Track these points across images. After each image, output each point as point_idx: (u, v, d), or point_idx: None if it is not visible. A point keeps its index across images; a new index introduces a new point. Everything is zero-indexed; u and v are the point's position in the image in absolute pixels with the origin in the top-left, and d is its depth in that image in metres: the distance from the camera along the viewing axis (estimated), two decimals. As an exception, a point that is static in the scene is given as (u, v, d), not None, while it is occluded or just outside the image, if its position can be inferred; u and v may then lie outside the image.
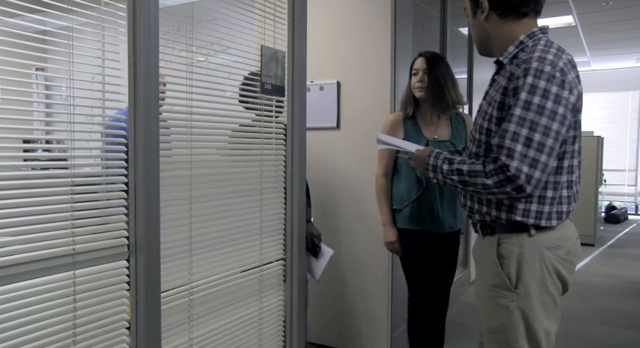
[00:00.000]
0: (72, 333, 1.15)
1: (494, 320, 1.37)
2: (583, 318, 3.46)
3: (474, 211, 1.44)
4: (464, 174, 1.32)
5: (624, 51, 7.33)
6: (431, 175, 1.44)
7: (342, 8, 2.80)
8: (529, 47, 1.32)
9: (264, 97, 1.75)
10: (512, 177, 1.22)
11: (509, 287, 1.33)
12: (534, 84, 1.22)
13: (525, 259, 1.32)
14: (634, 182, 8.63)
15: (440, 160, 1.41)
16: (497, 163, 1.25)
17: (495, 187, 1.26)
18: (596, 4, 5.05)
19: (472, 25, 1.46)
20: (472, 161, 1.34)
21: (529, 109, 1.22)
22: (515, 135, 1.22)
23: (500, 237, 1.36)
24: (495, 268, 1.35)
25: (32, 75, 1.24)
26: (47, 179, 1.12)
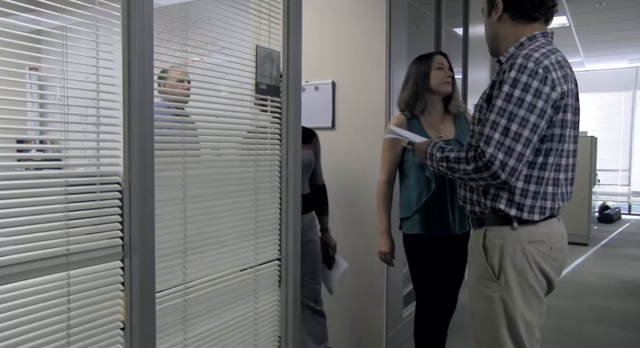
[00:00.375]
0: (67, 334, 1.14)
1: (479, 309, 1.45)
2: (577, 317, 3.48)
3: (467, 201, 1.53)
4: (450, 161, 1.42)
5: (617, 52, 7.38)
6: (428, 163, 1.55)
7: (337, 8, 2.80)
8: (524, 47, 1.39)
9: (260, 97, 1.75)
10: (487, 163, 1.30)
11: (492, 277, 1.40)
12: (516, 78, 1.30)
13: (507, 251, 1.39)
14: (627, 181, 8.69)
15: (436, 149, 1.51)
16: (477, 150, 1.33)
17: (474, 172, 1.34)
18: (590, 5, 5.09)
19: (486, 25, 1.53)
20: (459, 148, 1.43)
21: (509, 101, 1.29)
22: (494, 124, 1.30)
23: (486, 229, 1.44)
24: (481, 259, 1.43)
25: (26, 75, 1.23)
26: (40, 179, 1.12)
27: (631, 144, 8.58)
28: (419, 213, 2.08)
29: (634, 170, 8.62)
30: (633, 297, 4.00)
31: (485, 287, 1.41)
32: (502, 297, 1.38)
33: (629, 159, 8.62)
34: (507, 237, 1.39)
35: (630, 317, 3.52)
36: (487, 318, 1.41)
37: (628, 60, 7.98)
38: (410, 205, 2.11)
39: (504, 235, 1.40)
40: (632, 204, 8.70)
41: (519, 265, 1.37)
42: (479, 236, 1.47)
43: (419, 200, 2.08)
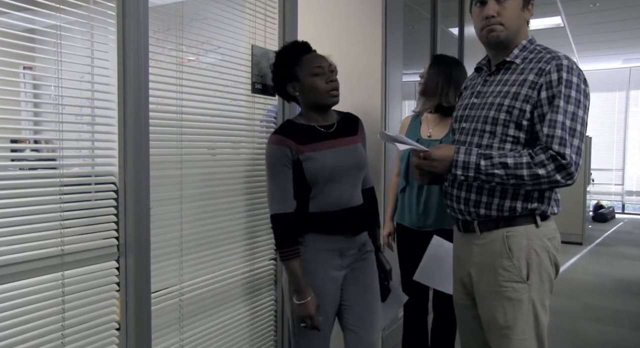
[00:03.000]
0: (61, 335, 1.14)
1: (506, 315, 1.37)
2: (571, 315, 3.50)
3: (478, 205, 1.41)
4: (509, 167, 1.31)
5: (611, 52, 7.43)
6: (459, 172, 1.36)
7: (333, 8, 2.80)
8: (537, 50, 1.41)
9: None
10: (566, 165, 1.28)
11: (522, 279, 1.36)
12: (568, 79, 1.32)
13: (534, 250, 1.37)
14: (620, 181, 8.75)
15: (475, 156, 1.34)
16: (548, 152, 1.29)
17: (545, 176, 1.29)
18: (584, 6, 5.11)
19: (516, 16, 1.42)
20: (512, 154, 1.33)
21: (569, 101, 1.31)
22: (563, 125, 1.30)
23: (507, 231, 1.38)
24: (508, 262, 1.36)
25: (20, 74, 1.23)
26: (35, 179, 1.11)
27: (625, 143, 8.64)
28: (399, 203, 2.23)
29: (628, 170, 8.68)
30: (627, 295, 4.02)
31: (512, 290, 1.36)
32: (531, 298, 1.35)
33: (622, 159, 8.67)
34: (531, 235, 1.37)
35: (624, 315, 3.55)
36: (518, 323, 1.36)
37: (622, 60, 8.02)
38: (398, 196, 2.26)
39: (529, 234, 1.37)
40: (625, 203, 8.76)
41: (544, 263, 1.37)
42: (493, 240, 1.39)
43: (402, 193, 2.22)
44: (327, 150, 1.51)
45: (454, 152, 1.37)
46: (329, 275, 1.53)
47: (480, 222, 1.42)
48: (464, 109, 1.51)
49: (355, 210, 1.56)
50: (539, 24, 5.59)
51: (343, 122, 1.60)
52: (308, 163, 1.47)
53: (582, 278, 4.52)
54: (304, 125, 1.53)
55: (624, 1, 4.95)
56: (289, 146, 1.47)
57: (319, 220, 1.51)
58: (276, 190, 1.49)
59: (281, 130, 1.53)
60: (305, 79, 1.49)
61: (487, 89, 1.46)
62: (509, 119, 1.37)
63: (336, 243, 1.53)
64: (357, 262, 1.58)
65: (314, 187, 1.49)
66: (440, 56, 2.27)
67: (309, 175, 1.48)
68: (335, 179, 1.50)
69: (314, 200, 1.50)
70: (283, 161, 1.47)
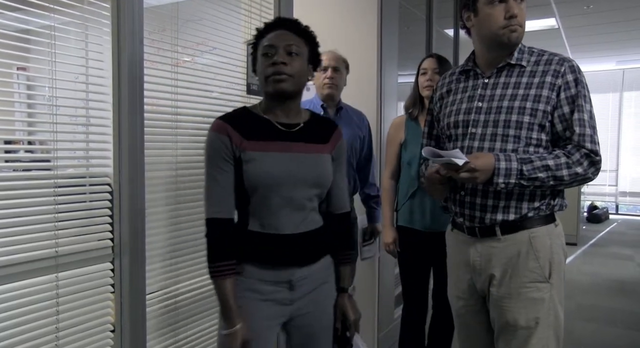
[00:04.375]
0: (55, 337, 1.13)
1: (528, 315, 1.37)
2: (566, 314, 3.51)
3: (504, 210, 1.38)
4: (551, 169, 1.34)
5: (604, 54, 7.48)
6: (501, 180, 1.31)
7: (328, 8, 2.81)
8: (535, 51, 1.44)
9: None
10: (598, 161, 1.37)
11: (545, 279, 1.38)
12: (581, 80, 1.39)
13: (555, 249, 1.40)
14: (614, 182, 8.81)
15: (516, 163, 1.31)
16: (581, 151, 1.35)
17: (583, 173, 1.36)
18: (577, 8, 5.15)
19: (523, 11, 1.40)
20: (549, 156, 1.35)
21: (586, 101, 1.38)
22: (590, 124, 1.37)
23: (531, 232, 1.39)
24: (534, 263, 1.37)
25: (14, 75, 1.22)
26: (29, 181, 1.11)
27: (618, 145, 8.70)
28: (406, 206, 2.19)
29: (621, 171, 8.74)
30: (620, 295, 4.05)
31: (535, 290, 1.37)
32: (552, 296, 1.38)
33: (616, 160, 8.73)
34: (552, 235, 1.40)
35: (618, 315, 3.57)
36: (537, 324, 1.37)
37: (615, 62, 8.08)
38: (400, 198, 2.23)
39: (551, 234, 1.40)
40: (619, 204, 8.81)
41: (562, 261, 1.42)
42: (520, 241, 1.38)
43: (405, 195, 2.19)
44: (277, 153, 1.20)
45: (494, 159, 1.32)
46: (272, 312, 1.22)
47: (503, 224, 1.39)
48: (467, 113, 1.44)
49: (306, 236, 1.24)
50: (534, 25, 5.62)
51: (314, 125, 1.29)
52: (249, 164, 1.17)
53: (577, 278, 4.55)
54: (259, 116, 1.23)
55: (618, 3, 4.99)
56: (230, 136, 1.18)
57: (259, 244, 1.21)
58: (213, 189, 1.19)
59: (227, 115, 1.23)
60: (258, 60, 1.23)
61: (493, 92, 1.41)
62: (533, 122, 1.36)
63: (281, 275, 1.22)
64: (305, 301, 1.26)
65: (252, 196, 1.19)
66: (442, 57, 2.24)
67: (247, 181, 1.18)
68: (282, 192, 1.19)
69: (254, 215, 1.21)
70: (222, 153, 1.18)
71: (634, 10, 5.18)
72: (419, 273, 2.19)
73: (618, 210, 8.80)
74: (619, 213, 8.73)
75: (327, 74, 2.26)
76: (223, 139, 1.18)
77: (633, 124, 8.58)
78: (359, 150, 2.36)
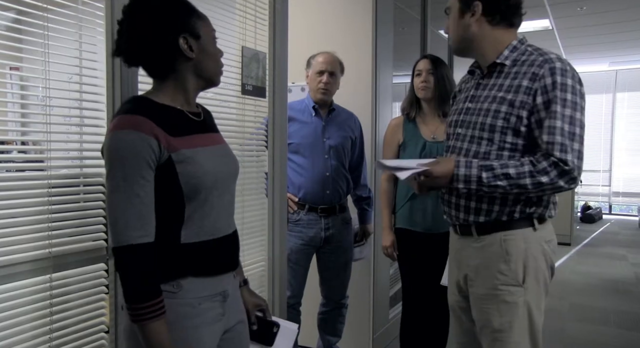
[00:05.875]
0: (49, 338, 1.12)
1: (502, 318, 1.36)
2: (559, 315, 3.54)
3: (478, 212, 1.39)
4: (511, 178, 1.29)
5: (597, 55, 7.53)
6: (461, 186, 1.34)
7: (323, 9, 2.81)
8: (529, 51, 1.39)
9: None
10: (569, 171, 1.27)
11: (518, 283, 1.35)
12: (563, 82, 1.30)
13: (531, 254, 1.36)
14: (607, 182, 8.87)
15: (476, 169, 1.32)
16: (550, 159, 1.28)
17: (549, 183, 1.28)
18: (571, 9, 5.18)
19: (455, 24, 1.46)
20: (512, 163, 1.31)
21: (565, 105, 1.29)
22: (562, 130, 1.28)
23: (504, 235, 1.37)
24: (504, 265, 1.36)
25: (7, 74, 1.21)
26: (22, 181, 1.10)
27: (611, 145, 8.76)
28: (405, 208, 2.19)
29: (615, 171, 8.80)
30: (613, 295, 4.08)
31: (508, 294, 1.35)
32: (527, 301, 1.35)
33: (609, 160, 8.80)
34: (529, 239, 1.36)
35: (611, 314, 3.59)
36: (510, 328, 1.36)
37: (608, 63, 8.14)
38: (399, 200, 2.23)
39: (527, 238, 1.36)
40: (612, 204, 8.88)
41: (541, 266, 1.37)
42: (492, 243, 1.38)
43: (405, 197, 2.19)
44: (203, 148, 1.06)
45: (454, 166, 1.35)
46: (213, 333, 1.08)
47: (478, 226, 1.41)
48: (459, 113, 1.48)
49: (235, 234, 1.15)
50: (528, 26, 5.65)
51: (204, 113, 1.16)
52: (184, 165, 0.99)
53: (570, 278, 4.57)
54: (169, 107, 1.04)
55: (611, 5, 5.02)
56: (157, 136, 0.96)
57: (198, 254, 1.04)
58: (134, 206, 0.94)
59: (139, 107, 0.99)
60: (207, 40, 1.07)
61: (481, 92, 1.43)
62: (506, 126, 1.35)
63: (219, 285, 1.08)
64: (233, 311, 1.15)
65: (189, 203, 1.01)
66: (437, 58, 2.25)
67: (186, 185, 0.99)
68: (218, 192, 1.06)
69: (188, 224, 1.02)
70: (147, 159, 0.95)
71: (627, 11, 5.22)
72: (418, 274, 2.19)
73: (611, 210, 8.87)
74: (613, 214, 8.80)
75: (323, 78, 2.26)
76: (149, 141, 0.94)
77: (626, 124, 8.65)
78: (350, 152, 2.37)
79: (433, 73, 2.15)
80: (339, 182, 2.30)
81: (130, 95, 1.26)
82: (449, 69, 2.23)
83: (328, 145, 2.28)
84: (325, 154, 2.27)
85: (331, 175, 2.26)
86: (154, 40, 1.01)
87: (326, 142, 2.28)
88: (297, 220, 2.25)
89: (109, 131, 0.97)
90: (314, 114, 2.31)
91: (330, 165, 2.26)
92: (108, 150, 0.96)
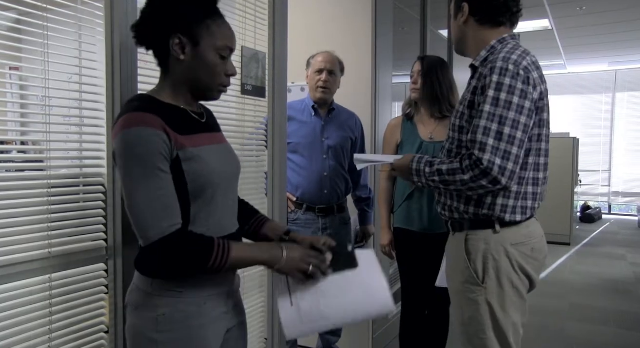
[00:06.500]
0: (48, 339, 1.12)
1: (464, 314, 1.44)
2: (558, 315, 3.54)
3: (446, 208, 1.50)
4: (443, 174, 1.36)
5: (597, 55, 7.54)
6: (416, 179, 1.46)
7: (323, 9, 2.81)
8: (497, 50, 1.40)
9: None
10: (486, 170, 1.27)
11: (477, 282, 1.39)
12: (499, 81, 1.29)
13: (491, 255, 1.38)
14: (607, 182, 8.87)
15: (423, 164, 1.43)
16: (472, 158, 1.30)
17: (472, 181, 1.30)
18: (571, 9, 5.19)
19: (452, 26, 1.55)
20: (450, 160, 1.38)
21: (497, 104, 1.29)
22: (486, 130, 1.28)
23: (467, 234, 1.43)
24: (464, 264, 1.42)
25: (6, 74, 1.21)
26: (22, 181, 1.10)
27: (611, 145, 8.76)
28: (402, 208, 2.21)
29: (614, 171, 8.81)
30: (613, 295, 4.08)
31: (470, 291, 1.40)
32: (487, 300, 1.38)
33: (609, 160, 8.80)
34: (490, 240, 1.39)
35: (610, 314, 3.60)
36: (473, 323, 1.41)
37: (608, 63, 8.15)
38: (397, 200, 2.25)
39: (487, 239, 1.39)
40: (612, 204, 8.88)
41: (503, 269, 1.38)
42: (459, 241, 1.45)
43: (402, 196, 2.20)
44: (208, 146, 1.06)
45: (410, 161, 1.47)
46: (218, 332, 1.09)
47: (453, 223, 1.50)
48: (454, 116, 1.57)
49: (238, 234, 1.15)
50: (528, 26, 5.65)
51: (206, 112, 1.18)
52: (191, 164, 1.00)
53: (570, 278, 4.58)
54: (173, 106, 1.05)
55: (610, 5, 5.03)
56: (166, 131, 0.97)
57: None
58: (158, 199, 0.94)
59: (146, 106, 0.99)
60: (207, 49, 1.03)
61: (465, 92, 1.50)
62: (460, 125, 1.42)
63: (223, 284, 1.10)
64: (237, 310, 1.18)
65: (195, 201, 1.01)
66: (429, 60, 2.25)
67: (192, 183, 1.00)
68: (223, 191, 1.07)
69: (196, 224, 1.03)
70: (162, 152, 0.95)
71: (627, 11, 5.23)
72: (417, 273, 2.20)
73: (611, 210, 8.88)
74: (612, 213, 8.80)
75: (322, 77, 2.27)
76: (160, 135, 0.95)
77: (625, 124, 8.65)
78: (349, 152, 2.37)
79: (423, 75, 2.16)
80: (337, 182, 2.30)
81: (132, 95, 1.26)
82: (447, 69, 2.22)
83: (327, 145, 2.28)
84: (324, 154, 2.27)
85: (329, 175, 2.26)
86: (151, 27, 1.03)
87: (325, 142, 2.28)
88: (295, 220, 2.25)
89: (119, 130, 0.95)
90: (314, 113, 2.31)
91: (328, 165, 2.26)
92: (122, 149, 0.95)
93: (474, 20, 1.45)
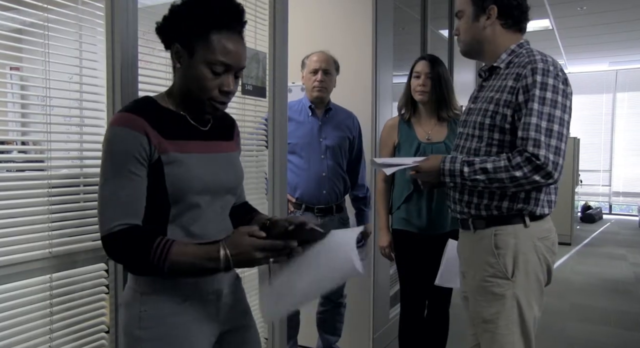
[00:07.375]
0: (49, 338, 1.13)
1: (489, 310, 1.43)
2: (559, 314, 3.54)
3: (466, 205, 1.49)
4: (489, 172, 1.37)
5: (598, 55, 7.54)
6: (448, 180, 1.45)
7: (323, 9, 2.81)
8: (523, 54, 1.45)
9: (245, 98, 1.75)
10: (542, 165, 1.31)
11: (506, 276, 1.41)
12: (543, 81, 1.35)
13: (521, 249, 1.41)
14: (608, 182, 8.87)
15: (459, 164, 1.43)
16: (524, 155, 1.33)
17: (524, 178, 1.33)
18: (571, 9, 5.19)
19: (468, 28, 1.53)
20: (492, 158, 1.40)
21: (544, 103, 1.35)
22: (537, 127, 1.33)
23: (496, 229, 1.44)
24: (493, 259, 1.42)
25: (7, 74, 1.21)
26: (22, 181, 1.10)
27: (612, 145, 8.76)
28: (401, 209, 2.19)
29: (615, 171, 8.81)
30: (613, 295, 4.08)
31: (496, 286, 1.41)
32: (515, 294, 1.40)
33: (609, 160, 8.80)
34: (520, 235, 1.42)
35: (611, 314, 3.60)
36: (497, 319, 1.41)
37: (608, 63, 8.15)
38: (395, 201, 2.23)
39: (517, 234, 1.42)
40: (612, 204, 8.88)
41: (532, 262, 1.41)
42: (482, 237, 1.45)
43: (400, 197, 2.19)
44: (199, 154, 1.07)
45: (440, 161, 1.46)
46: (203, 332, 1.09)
47: (474, 220, 1.49)
48: (465, 114, 1.59)
49: None
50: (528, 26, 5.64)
51: (218, 121, 1.18)
52: (172, 167, 1.01)
53: (571, 278, 4.58)
54: (171, 111, 1.07)
55: (610, 5, 5.03)
56: (147, 134, 0.99)
57: None
58: (119, 198, 0.97)
59: (137, 107, 1.03)
60: (199, 62, 1.03)
61: (482, 94, 1.53)
62: (492, 124, 1.44)
63: (210, 284, 1.09)
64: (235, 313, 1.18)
65: (175, 205, 1.03)
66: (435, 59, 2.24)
67: (171, 187, 1.01)
68: (209, 198, 1.08)
69: (174, 225, 1.04)
70: (136, 154, 0.98)
71: (627, 11, 5.23)
72: (416, 275, 2.20)
73: (611, 210, 8.87)
74: (613, 213, 8.80)
75: (317, 76, 2.26)
76: (139, 138, 0.97)
77: (626, 124, 8.65)
78: (347, 152, 2.36)
79: (431, 77, 2.14)
80: (336, 182, 2.30)
81: (132, 95, 1.26)
82: (446, 69, 2.23)
83: (325, 145, 2.28)
84: (322, 154, 2.27)
85: (327, 176, 2.26)
86: (161, 32, 1.08)
87: (323, 142, 2.28)
88: None
89: (109, 126, 1.02)
90: (311, 113, 2.31)
91: (326, 165, 2.26)
92: (104, 144, 1.02)
93: (500, 23, 1.48)
